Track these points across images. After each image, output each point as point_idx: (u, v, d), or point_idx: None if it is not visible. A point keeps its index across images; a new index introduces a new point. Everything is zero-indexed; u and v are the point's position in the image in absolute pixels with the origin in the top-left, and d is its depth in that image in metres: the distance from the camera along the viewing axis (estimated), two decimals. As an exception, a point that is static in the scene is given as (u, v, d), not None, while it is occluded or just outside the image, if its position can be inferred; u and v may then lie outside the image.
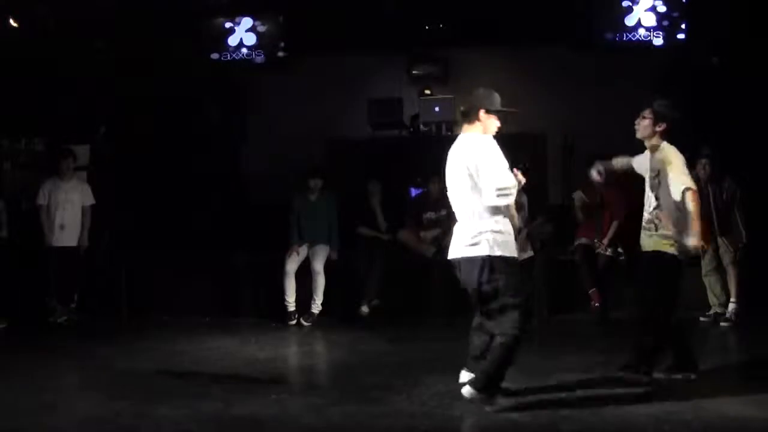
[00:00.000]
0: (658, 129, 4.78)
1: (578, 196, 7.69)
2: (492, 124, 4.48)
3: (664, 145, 4.80)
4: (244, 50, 10.03)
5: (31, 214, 7.95)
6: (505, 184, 4.21)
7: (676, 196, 4.63)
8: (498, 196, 4.21)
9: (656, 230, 4.79)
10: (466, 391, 4.38)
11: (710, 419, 4.16)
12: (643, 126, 4.83)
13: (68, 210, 7.81)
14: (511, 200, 4.29)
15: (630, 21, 9.37)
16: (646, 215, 4.88)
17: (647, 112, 4.81)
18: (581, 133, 9.24)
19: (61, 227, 7.77)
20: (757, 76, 8.34)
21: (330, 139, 9.74)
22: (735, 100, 8.45)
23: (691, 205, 4.62)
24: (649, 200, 4.86)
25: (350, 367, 5.68)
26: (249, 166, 10.48)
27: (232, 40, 10.05)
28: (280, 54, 9.99)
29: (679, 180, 4.64)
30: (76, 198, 7.87)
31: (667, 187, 4.69)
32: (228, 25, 10.06)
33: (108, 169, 8.67)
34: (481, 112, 4.43)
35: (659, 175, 4.77)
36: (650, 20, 9.35)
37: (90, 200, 7.96)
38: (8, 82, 8.38)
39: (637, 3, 9.39)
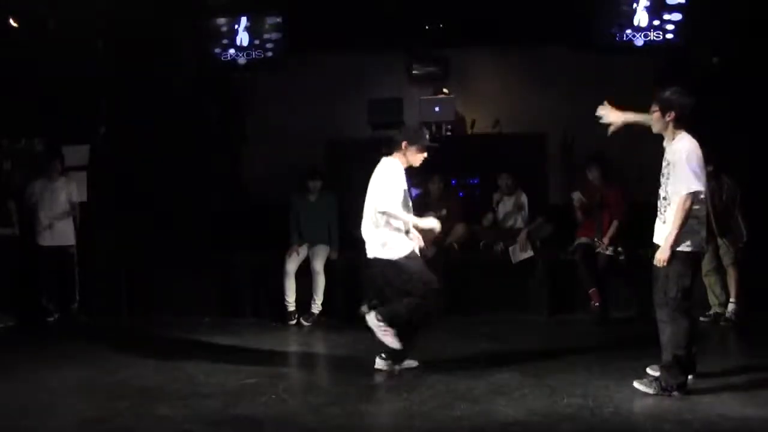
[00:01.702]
0: (668, 119, 4.64)
1: (576, 196, 7.68)
2: (414, 155, 5.31)
3: (681, 135, 4.65)
4: (245, 50, 10.02)
5: (30, 215, 7.97)
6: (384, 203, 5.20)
7: (676, 196, 4.56)
8: (383, 205, 5.19)
9: (664, 222, 4.69)
10: (378, 363, 5.32)
11: (710, 419, 4.16)
12: (654, 120, 4.70)
13: (55, 210, 7.86)
14: (386, 208, 5.19)
15: (630, 21, 9.36)
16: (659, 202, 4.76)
17: (653, 105, 4.70)
18: (581, 133, 9.23)
19: (49, 227, 7.83)
20: (757, 76, 8.33)
21: (330, 139, 9.73)
22: (735, 99, 8.44)
23: (679, 211, 4.51)
24: (663, 188, 4.73)
25: (350, 367, 5.67)
26: (249, 166, 10.48)
27: (232, 40, 10.03)
28: (280, 54, 9.97)
29: (684, 181, 4.51)
30: (62, 197, 7.91)
31: (674, 184, 4.59)
32: (228, 24, 10.05)
33: (108, 169, 8.67)
34: (404, 144, 5.26)
35: (669, 166, 4.65)
36: (650, 20, 9.34)
37: (76, 197, 7.99)
38: (8, 82, 8.38)
39: (637, 3, 9.38)
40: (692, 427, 4.05)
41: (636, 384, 4.69)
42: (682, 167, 4.53)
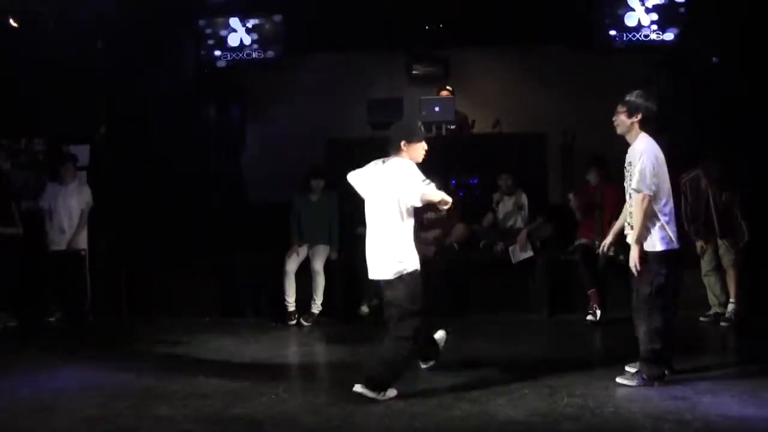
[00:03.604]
0: (634, 120, 4.81)
1: (571, 199, 7.69)
2: (416, 150, 4.91)
3: (641, 136, 4.81)
4: (244, 50, 10.02)
5: (30, 215, 7.97)
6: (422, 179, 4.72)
7: (635, 194, 4.71)
8: (423, 188, 4.66)
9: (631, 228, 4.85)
10: (358, 388, 4.68)
11: (710, 419, 4.16)
12: (620, 121, 4.88)
13: (67, 214, 7.85)
14: (431, 189, 4.68)
15: (630, 21, 9.34)
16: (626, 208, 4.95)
17: (620, 107, 4.87)
18: (581, 133, 9.24)
19: (61, 231, 7.83)
20: (757, 76, 8.33)
21: (330, 139, 9.74)
22: (735, 99, 8.44)
23: (637, 211, 4.70)
24: (626, 188, 4.91)
25: (350, 367, 5.66)
26: (249, 166, 10.48)
27: (232, 40, 10.03)
28: (280, 54, 9.98)
29: (636, 181, 4.68)
30: (74, 203, 7.89)
31: (631, 183, 4.77)
32: (228, 24, 10.05)
33: (108, 169, 8.67)
34: (402, 144, 4.88)
35: (630, 166, 4.81)
36: (650, 20, 9.33)
37: (86, 204, 7.97)
38: (8, 82, 8.37)
39: (637, 2, 9.38)
40: (692, 427, 4.05)
41: (618, 379, 4.85)
42: (636, 168, 4.70)
